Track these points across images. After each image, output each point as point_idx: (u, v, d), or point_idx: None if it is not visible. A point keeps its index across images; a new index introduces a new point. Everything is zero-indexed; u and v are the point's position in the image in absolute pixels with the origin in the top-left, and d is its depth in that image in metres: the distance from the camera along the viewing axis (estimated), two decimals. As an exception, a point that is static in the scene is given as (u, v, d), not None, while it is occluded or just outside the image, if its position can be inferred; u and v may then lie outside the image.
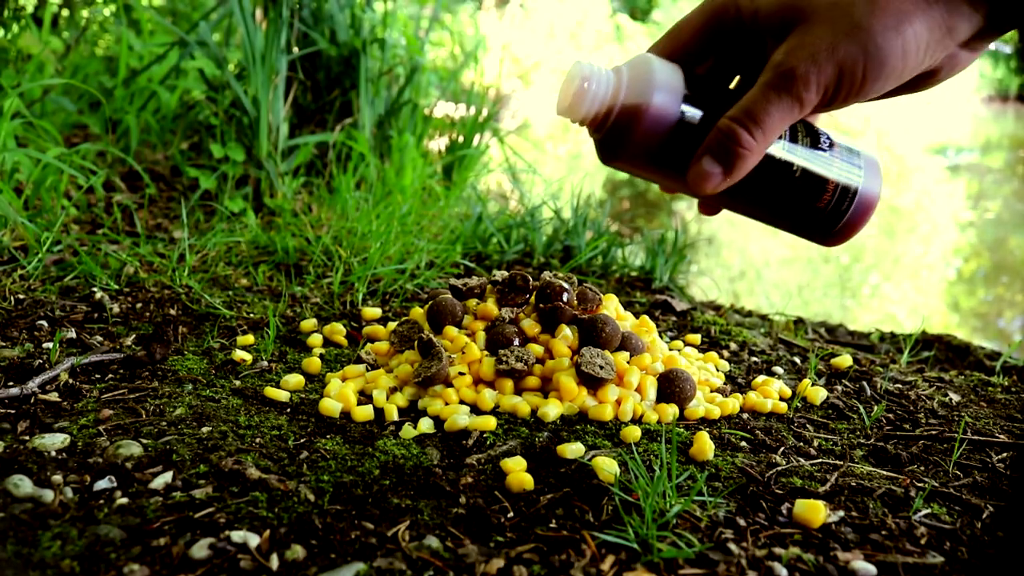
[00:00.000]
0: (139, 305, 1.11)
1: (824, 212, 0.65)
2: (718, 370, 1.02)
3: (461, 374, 0.87)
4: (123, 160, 1.78)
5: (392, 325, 1.02)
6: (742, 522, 0.66)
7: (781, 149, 0.62)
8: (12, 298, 1.08)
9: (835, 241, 0.67)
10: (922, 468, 0.79)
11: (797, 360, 1.10)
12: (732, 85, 0.68)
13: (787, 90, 0.57)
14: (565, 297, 0.94)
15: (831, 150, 0.64)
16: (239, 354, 0.94)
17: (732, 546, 0.62)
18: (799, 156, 0.63)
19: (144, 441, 0.73)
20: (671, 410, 0.86)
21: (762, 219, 0.67)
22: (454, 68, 2.53)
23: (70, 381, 0.85)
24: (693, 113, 0.60)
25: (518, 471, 0.71)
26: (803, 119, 0.64)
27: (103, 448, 0.72)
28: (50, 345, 0.93)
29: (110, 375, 0.89)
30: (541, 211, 1.71)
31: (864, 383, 1.02)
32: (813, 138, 0.64)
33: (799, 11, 0.57)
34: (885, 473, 0.77)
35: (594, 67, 0.61)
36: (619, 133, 0.61)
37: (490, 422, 0.81)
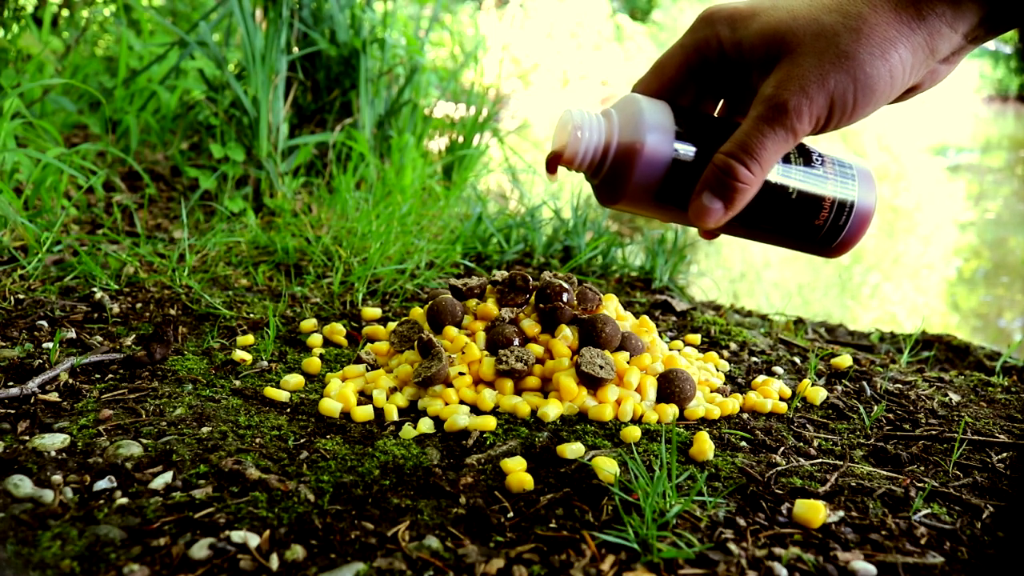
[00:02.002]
0: (139, 305, 1.11)
1: (823, 228, 0.65)
2: (718, 370, 1.02)
3: (461, 374, 0.87)
4: (123, 160, 1.78)
5: (392, 325, 1.02)
6: (742, 522, 0.66)
7: (776, 174, 0.62)
8: (12, 298, 1.08)
9: (836, 253, 0.68)
10: (922, 468, 0.79)
11: (797, 360, 1.10)
12: (717, 112, 0.68)
13: (780, 122, 0.58)
14: (565, 297, 0.94)
15: (824, 167, 0.65)
16: (239, 354, 0.94)
17: (732, 546, 0.62)
18: (794, 178, 0.63)
19: (144, 441, 0.73)
20: (671, 410, 0.86)
21: (763, 240, 0.68)
22: (454, 68, 2.53)
23: (70, 381, 0.85)
24: (687, 149, 0.60)
25: (518, 471, 0.71)
26: None
27: (103, 448, 0.72)
28: (50, 345, 0.93)
29: (110, 375, 0.89)
30: (541, 211, 1.71)
31: (864, 383, 1.02)
32: (806, 158, 0.64)
33: (784, 42, 0.58)
34: (885, 473, 0.77)
35: (584, 114, 0.61)
36: (616, 176, 0.61)
37: (490, 422, 0.81)
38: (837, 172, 0.65)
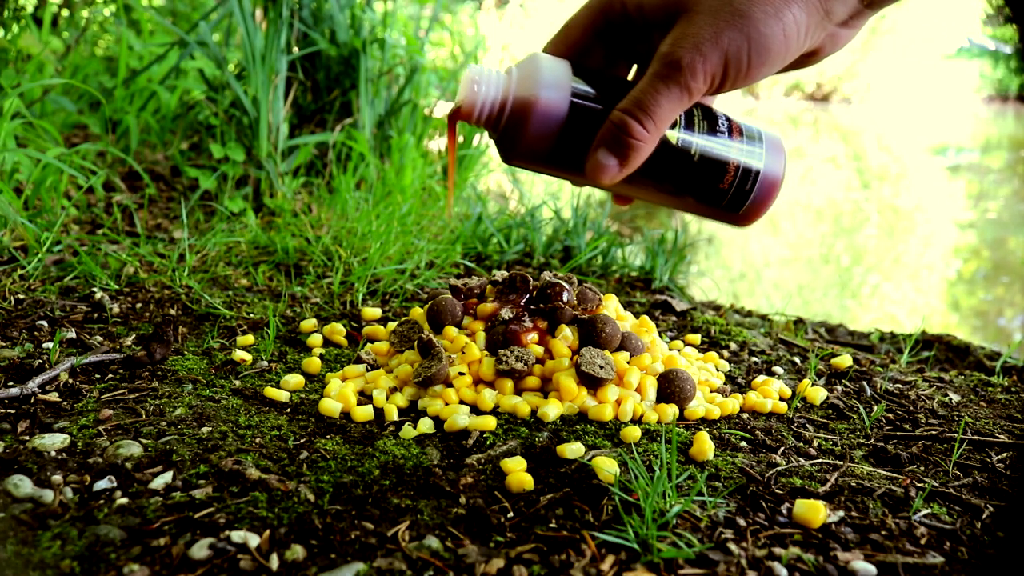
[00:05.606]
0: (139, 305, 1.11)
1: (728, 194, 0.65)
2: (718, 370, 1.02)
3: (461, 374, 0.87)
4: (123, 160, 1.78)
5: (392, 325, 1.02)
6: (742, 522, 0.66)
7: (678, 135, 0.63)
8: (12, 298, 1.08)
9: (744, 221, 0.68)
10: (922, 468, 0.79)
11: (797, 360, 1.10)
12: (631, 76, 0.69)
13: (675, 80, 0.59)
14: (565, 297, 0.94)
15: (730, 133, 0.65)
16: (239, 354, 0.94)
17: (732, 546, 0.62)
18: (696, 141, 0.64)
19: (144, 441, 0.73)
20: (671, 410, 0.86)
21: (671, 205, 0.69)
22: (454, 68, 2.53)
23: (70, 381, 0.85)
24: (584, 107, 0.61)
25: (518, 471, 0.71)
26: (701, 104, 0.65)
27: (103, 448, 0.72)
28: (50, 345, 0.93)
29: (110, 375, 0.89)
30: (541, 211, 1.71)
31: (864, 383, 1.02)
32: (711, 122, 0.65)
33: (681, 3, 0.59)
34: (885, 473, 0.77)
35: (485, 70, 0.62)
36: (512, 131, 0.62)
37: (490, 422, 0.81)
38: (744, 139, 0.65)
